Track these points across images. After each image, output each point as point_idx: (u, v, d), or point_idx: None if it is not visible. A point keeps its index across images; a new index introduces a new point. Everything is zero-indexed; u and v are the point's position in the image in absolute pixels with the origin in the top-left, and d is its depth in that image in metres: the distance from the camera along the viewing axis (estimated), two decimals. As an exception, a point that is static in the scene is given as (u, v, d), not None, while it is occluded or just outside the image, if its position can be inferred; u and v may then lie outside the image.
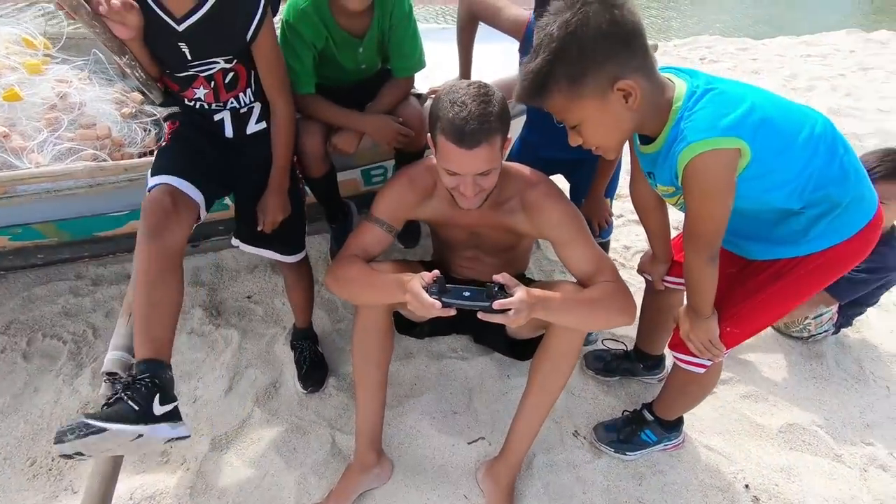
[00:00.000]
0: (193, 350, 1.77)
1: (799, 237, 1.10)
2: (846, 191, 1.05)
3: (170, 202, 1.13)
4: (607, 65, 0.92)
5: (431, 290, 1.10)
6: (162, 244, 1.10)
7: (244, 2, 1.17)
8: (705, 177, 0.96)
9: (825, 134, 1.03)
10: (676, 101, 0.99)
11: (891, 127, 3.32)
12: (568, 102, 0.96)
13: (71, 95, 1.73)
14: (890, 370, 1.77)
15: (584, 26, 0.89)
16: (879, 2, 8.00)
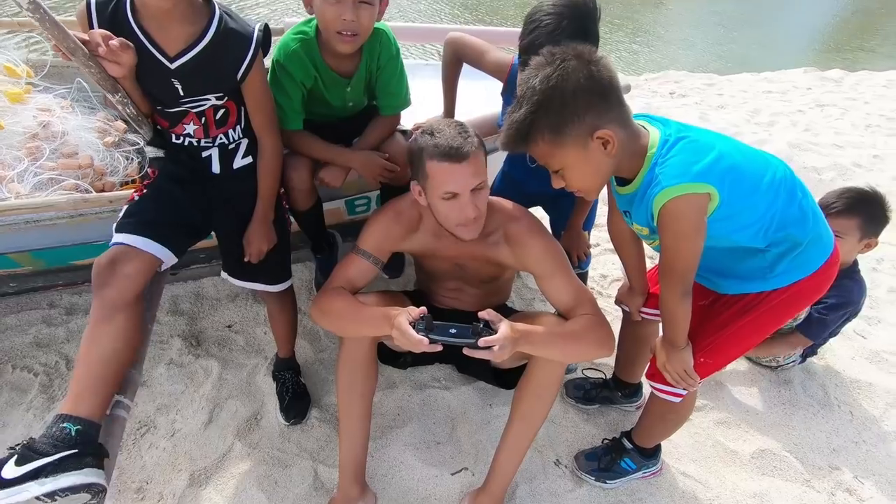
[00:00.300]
0: (172, 381, 1.74)
1: (765, 273, 1.18)
2: (805, 231, 1.14)
3: (110, 262, 1.17)
4: (586, 116, 0.99)
5: (418, 326, 1.13)
6: (99, 300, 1.14)
7: (235, 44, 1.20)
8: (678, 219, 1.04)
9: (785, 179, 1.12)
10: (651, 148, 1.06)
11: (845, 162, 3.53)
12: (551, 150, 1.03)
13: (53, 124, 1.72)
14: (852, 395, 1.85)
15: (565, 80, 0.97)
16: (831, 41, 8.52)
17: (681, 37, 8.37)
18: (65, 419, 1.02)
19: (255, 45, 1.22)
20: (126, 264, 1.17)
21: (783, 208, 1.11)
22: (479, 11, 8.36)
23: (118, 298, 1.14)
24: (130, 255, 1.19)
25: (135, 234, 1.21)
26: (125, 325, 1.15)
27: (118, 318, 1.14)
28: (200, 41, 1.17)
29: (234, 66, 1.21)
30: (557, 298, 1.34)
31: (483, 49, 1.59)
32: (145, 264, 1.21)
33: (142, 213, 1.27)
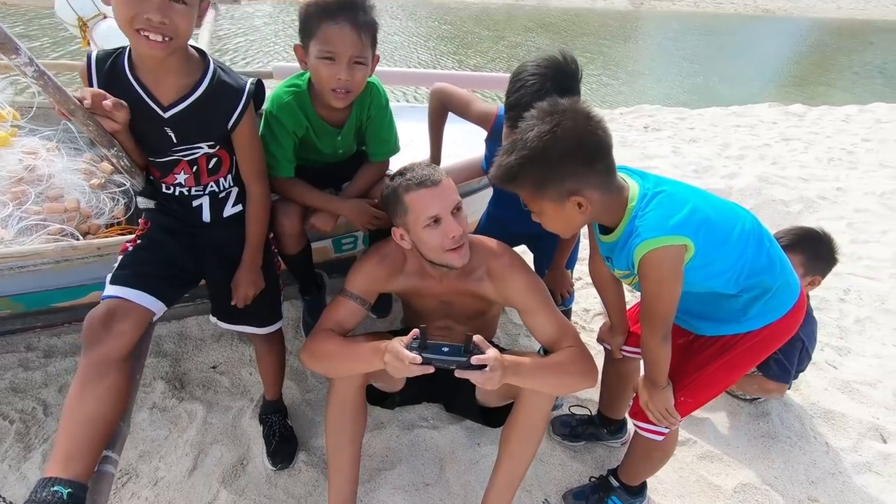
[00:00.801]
0: (155, 427, 1.71)
1: (739, 316, 1.25)
2: (774, 277, 1.22)
3: (106, 317, 1.16)
4: (567, 180, 1.07)
5: (412, 345, 1.15)
6: (90, 356, 1.13)
7: (228, 95, 1.24)
8: (657, 268, 1.10)
9: (753, 229, 1.20)
10: (631, 201, 1.13)
11: (811, 195, 3.70)
12: (531, 197, 1.12)
13: (39, 167, 1.72)
14: (827, 427, 1.91)
15: (555, 142, 1.03)
16: (791, 76, 9.01)
17: (650, 71, 8.74)
18: (55, 482, 1.00)
19: (247, 97, 1.26)
20: (121, 320, 1.17)
21: (753, 257, 1.18)
22: (462, 55, 8.62)
23: (111, 356, 1.13)
24: (126, 310, 1.19)
25: (131, 288, 1.21)
26: (116, 383, 1.14)
27: (109, 376, 1.13)
28: (194, 92, 1.21)
29: (225, 116, 1.25)
30: (541, 332, 1.39)
31: (468, 100, 1.66)
32: (140, 319, 1.21)
33: (137, 265, 1.27)
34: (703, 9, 13.34)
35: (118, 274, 1.25)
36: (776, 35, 12.14)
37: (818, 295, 2.60)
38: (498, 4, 11.78)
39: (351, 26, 1.27)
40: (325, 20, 1.26)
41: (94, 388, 1.11)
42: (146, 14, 1.03)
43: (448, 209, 1.27)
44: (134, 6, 1.03)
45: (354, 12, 1.28)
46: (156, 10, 1.03)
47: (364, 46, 1.31)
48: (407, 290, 1.47)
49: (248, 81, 1.27)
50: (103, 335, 1.14)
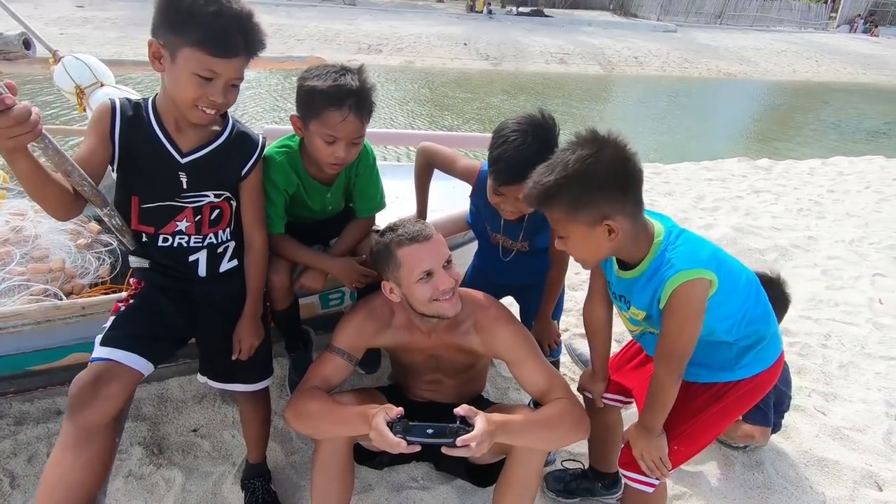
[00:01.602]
0: (130, 496, 1.62)
1: (732, 365, 1.28)
2: (767, 328, 1.27)
3: (95, 380, 1.14)
4: (602, 205, 1.09)
5: (395, 429, 1.14)
6: (75, 422, 1.10)
7: (245, 145, 1.33)
8: (687, 302, 1.13)
9: (751, 280, 1.27)
10: (658, 236, 1.18)
11: (784, 243, 3.83)
12: (562, 219, 1.13)
13: (26, 228, 1.73)
14: (822, 476, 1.89)
15: (596, 166, 1.06)
16: (755, 133, 9.54)
17: (624, 130, 9.16)
18: None
19: (261, 148, 1.35)
20: (110, 383, 1.14)
21: (753, 305, 1.24)
22: (438, 116, 8.99)
23: (97, 421, 1.10)
24: (116, 373, 1.17)
25: (123, 350, 1.20)
26: (100, 450, 1.10)
27: (93, 443, 1.09)
28: (215, 141, 1.28)
29: (241, 163, 1.32)
30: (530, 383, 1.38)
31: (453, 157, 1.73)
32: (130, 381, 1.19)
33: (131, 326, 1.26)
34: (669, 73, 14.24)
35: (110, 335, 1.23)
36: (739, 96, 12.95)
37: (801, 341, 2.64)
38: (476, 69, 12.44)
39: (355, 115, 1.33)
40: (331, 106, 1.31)
41: (77, 456, 1.07)
42: (211, 97, 1.13)
43: (440, 263, 1.30)
44: (200, 90, 1.11)
45: (360, 100, 1.34)
46: (220, 93, 1.13)
47: (363, 128, 1.38)
48: (395, 345, 1.47)
49: (260, 134, 1.36)
50: (91, 399, 1.11)
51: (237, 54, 1.12)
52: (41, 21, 10.83)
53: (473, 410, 1.19)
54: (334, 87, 1.31)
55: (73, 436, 1.08)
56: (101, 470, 1.12)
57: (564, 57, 14.07)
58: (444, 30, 15.17)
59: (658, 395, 1.25)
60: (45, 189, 1.07)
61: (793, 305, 3.00)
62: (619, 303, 1.31)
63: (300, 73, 1.41)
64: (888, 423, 2.12)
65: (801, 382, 2.35)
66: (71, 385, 1.13)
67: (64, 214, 1.15)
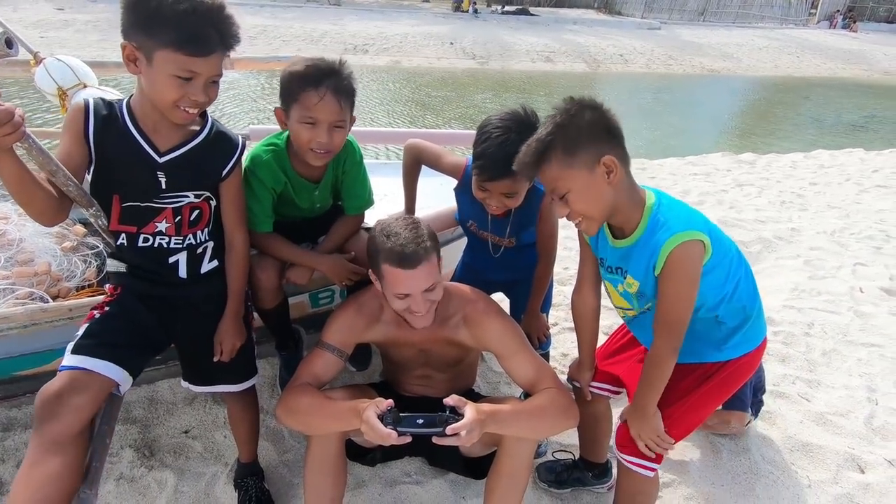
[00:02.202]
0: (122, 499, 1.61)
1: (720, 345, 1.31)
2: (753, 305, 1.29)
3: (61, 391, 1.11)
4: (596, 142, 1.13)
5: (385, 420, 1.15)
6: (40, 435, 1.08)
7: (225, 144, 1.32)
8: (685, 264, 1.15)
9: (740, 254, 1.29)
10: (649, 200, 1.20)
11: (768, 235, 3.90)
12: (560, 171, 1.15)
13: (9, 232, 1.71)
14: (806, 460, 1.94)
15: (581, 114, 1.14)
16: (738, 128, 9.67)
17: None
18: None
19: (241, 148, 1.34)
20: (78, 394, 1.11)
21: (742, 278, 1.26)
22: (420, 114, 9.00)
23: (63, 433, 1.08)
24: (84, 383, 1.14)
25: (94, 358, 1.17)
26: (70, 462, 1.08)
27: (61, 456, 1.07)
28: (193, 140, 1.26)
29: (221, 163, 1.31)
30: (519, 375, 1.40)
31: (439, 153, 1.75)
32: (100, 391, 1.17)
33: (104, 334, 1.24)
34: (654, 70, 14.36)
35: (81, 344, 1.21)
36: (722, 92, 13.10)
37: (785, 330, 2.70)
38: (463, 68, 12.46)
39: (332, 94, 1.33)
40: (308, 87, 1.32)
41: (43, 469, 1.04)
42: (193, 97, 1.11)
43: (420, 290, 1.27)
44: (181, 90, 1.10)
45: (336, 80, 1.34)
46: (201, 92, 1.12)
47: (343, 111, 1.37)
48: (385, 340, 1.48)
49: (240, 135, 1.36)
50: (58, 410, 1.08)
51: (214, 51, 1.10)
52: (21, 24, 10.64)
53: (463, 400, 1.21)
54: (311, 69, 1.33)
55: (40, 449, 1.05)
56: (72, 482, 1.09)
57: (550, 55, 14.14)
58: (430, 29, 15.17)
59: (654, 370, 1.26)
60: (31, 193, 1.05)
61: (776, 295, 3.08)
62: (615, 276, 1.32)
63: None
64: (869, 408, 2.17)
65: (785, 370, 2.40)
66: (36, 396, 1.10)
67: (49, 220, 1.14)
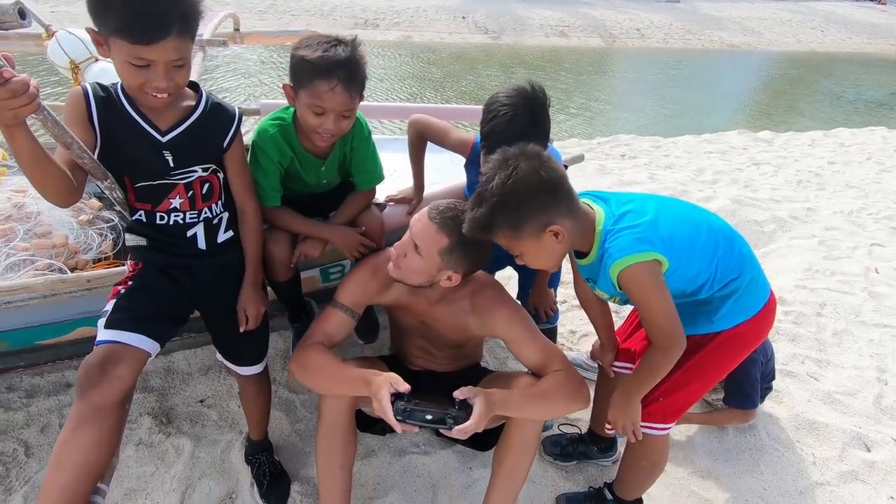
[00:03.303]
0: (141, 463, 1.68)
1: (710, 315, 1.30)
2: (742, 276, 1.27)
3: (103, 362, 1.15)
4: (538, 215, 1.14)
5: (396, 408, 1.17)
6: (84, 402, 1.11)
7: (222, 116, 1.32)
8: (637, 283, 1.17)
9: (720, 226, 1.28)
10: (598, 225, 1.21)
11: (783, 215, 3.84)
12: (510, 242, 1.19)
13: (27, 205, 1.74)
14: (812, 437, 1.95)
15: (518, 184, 1.12)
16: (758, 105, 9.43)
17: (625, 103, 9.09)
18: None
19: (238, 118, 1.35)
20: (119, 365, 1.16)
21: (725, 254, 1.25)
22: (444, 93, 8.88)
23: (106, 402, 1.12)
24: (123, 355, 1.18)
25: (128, 331, 1.21)
26: (109, 430, 1.13)
27: (103, 423, 1.11)
28: (191, 116, 1.27)
29: (221, 135, 1.32)
30: (528, 359, 1.41)
31: (445, 129, 1.73)
32: (137, 362, 1.21)
33: (133, 308, 1.27)
34: (671, 45, 13.99)
35: (113, 318, 1.25)
36: (742, 68, 12.76)
37: (796, 310, 2.68)
38: (475, 43, 12.23)
39: (344, 87, 1.31)
40: (319, 77, 1.29)
41: (87, 436, 1.09)
42: (154, 83, 1.10)
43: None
44: (140, 76, 1.09)
45: (349, 72, 1.31)
46: (162, 78, 1.10)
47: (353, 100, 1.35)
48: (395, 304, 1.48)
49: (236, 106, 1.37)
50: (100, 381, 1.13)
51: (164, 37, 1.04)
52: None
53: (473, 391, 1.22)
54: (323, 58, 1.29)
55: (83, 416, 1.10)
56: (111, 448, 1.14)
57: (565, 30, 13.82)
58: (442, 2, 14.86)
59: (652, 368, 1.25)
60: (45, 170, 1.05)
61: (789, 275, 3.05)
62: (590, 284, 1.36)
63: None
64: (879, 388, 2.17)
65: (794, 350, 2.39)
66: (80, 368, 1.15)
67: (64, 200, 1.14)
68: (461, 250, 1.30)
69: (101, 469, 1.14)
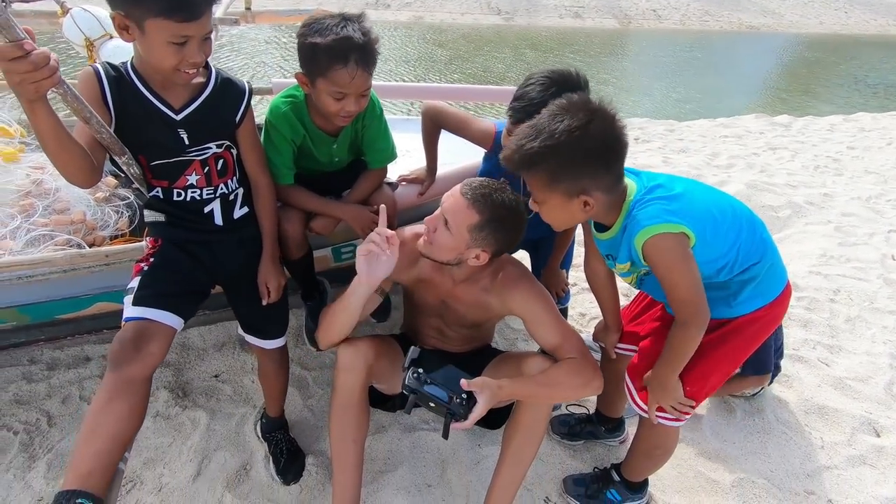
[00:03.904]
0: (159, 434, 1.73)
1: (729, 300, 1.28)
2: (762, 262, 1.26)
3: (135, 338, 1.19)
4: (582, 179, 1.10)
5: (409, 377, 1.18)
6: (118, 375, 1.15)
7: (232, 91, 1.34)
8: (663, 252, 1.14)
9: (743, 211, 1.26)
10: (629, 196, 1.18)
11: (799, 200, 3.78)
12: (540, 187, 1.14)
13: (45, 182, 1.76)
14: (821, 422, 1.95)
15: (582, 140, 1.05)
16: (775, 89, 9.23)
17: (639, 86, 8.93)
18: (78, 495, 1.04)
19: (249, 93, 1.37)
20: (151, 342, 1.20)
21: (748, 239, 1.23)
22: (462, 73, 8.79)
23: (138, 376, 1.16)
24: (154, 331, 1.22)
25: (156, 308, 1.25)
26: (139, 401, 1.18)
27: (135, 394, 1.16)
28: (203, 93, 1.29)
29: (232, 111, 1.33)
30: (544, 339, 1.39)
31: (464, 118, 1.70)
32: (167, 339, 1.25)
33: (157, 285, 1.30)
34: (688, 26, 13.68)
35: (140, 295, 1.28)
36: (761, 51, 12.45)
37: (808, 296, 2.66)
38: (487, 24, 12.05)
39: (362, 69, 1.31)
40: (337, 63, 1.28)
41: (119, 407, 1.13)
42: (190, 59, 1.13)
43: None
44: (177, 54, 1.11)
45: (365, 54, 1.31)
46: (198, 52, 1.13)
47: (370, 78, 1.36)
48: (417, 279, 1.48)
49: (246, 81, 1.37)
50: (133, 356, 1.16)
51: (204, 11, 1.09)
52: (43, -22, 10.59)
53: (481, 383, 1.21)
54: (338, 42, 1.27)
55: (115, 388, 1.14)
56: (139, 420, 1.19)
57: (579, 11, 13.55)
58: (454, -18, 14.61)
59: (675, 351, 1.24)
60: (67, 147, 1.07)
61: (803, 260, 3.02)
62: (609, 261, 1.33)
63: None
64: (891, 374, 2.16)
65: (806, 335, 2.38)
66: (112, 343, 1.19)
67: (85, 180, 1.15)
68: (491, 228, 1.29)
69: (131, 437, 1.19)
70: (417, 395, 1.18)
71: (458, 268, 1.39)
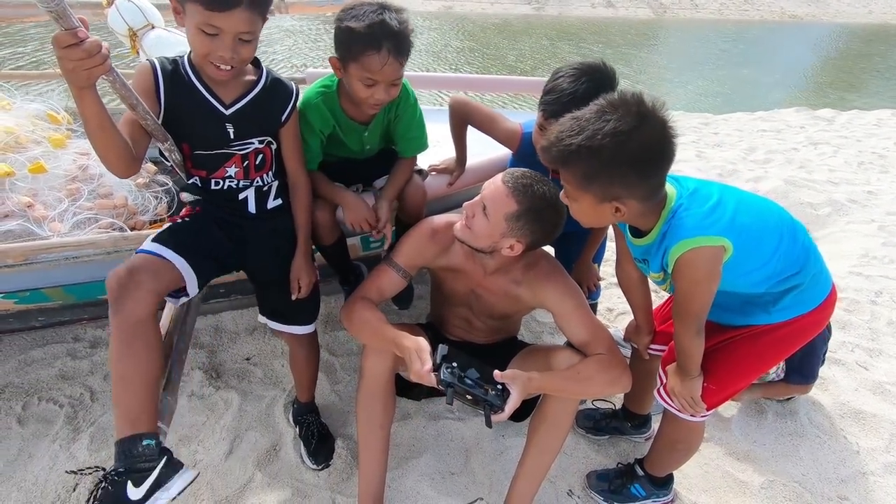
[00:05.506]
0: (194, 413, 1.79)
1: (768, 307, 1.25)
2: (807, 270, 1.21)
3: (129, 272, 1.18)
4: (616, 185, 1.05)
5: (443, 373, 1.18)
6: (122, 317, 1.15)
7: (282, 92, 1.37)
8: (694, 268, 1.11)
9: (785, 219, 1.21)
10: (669, 203, 1.14)
11: (840, 198, 3.64)
12: (573, 184, 1.11)
13: (91, 167, 1.83)
14: (857, 426, 1.89)
15: (625, 145, 0.99)
16: (818, 81, 8.85)
17: (673, 78, 8.69)
18: (140, 438, 1.10)
19: (296, 95, 1.39)
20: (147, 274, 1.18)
21: (789, 248, 1.18)
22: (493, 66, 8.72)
23: (137, 312, 1.15)
24: (157, 266, 1.23)
25: (170, 249, 1.27)
26: (153, 335, 1.19)
27: (145, 333, 1.16)
28: (253, 90, 1.32)
29: (280, 110, 1.36)
30: (574, 335, 1.39)
31: (492, 116, 1.69)
32: (169, 280, 1.25)
33: (181, 234, 1.34)
34: (726, 16, 13.23)
35: (160, 236, 1.31)
36: (804, 41, 11.95)
37: (849, 297, 2.57)
38: (518, 15, 11.89)
39: (395, 57, 1.31)
40: (370, 49, 1.29)
41: (135, 350, 1.14)
42: (219, 52, 1.15)
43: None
44: (207, 45, 1.14)
45: (399, 42, 1.31)
46: (227, 48, 1.15)
47: (402, 68, 1.36)
48: (448, 268, 1.49)
49: (293, 82, 1.40)
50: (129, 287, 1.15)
51: (235, 6, 1.09)
52: (85, -31, 10.92)
53: (514, 376, 1.22)
54: (372, 29, 1.28)
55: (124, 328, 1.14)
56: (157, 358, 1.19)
57: (612, 0, 13.23)
58: (484, -29, 14.44)
59: (679, 347, 1.26)
60: (110, 135, 1.10)
61: (843, 261, 2.91)
62: (641, 265, 1.31)
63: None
64: (935, 381, 2.07)
65: (844, 337, 2.30)
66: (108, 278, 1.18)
67: (124, 170, 1.18)
68: (528, 219, 1.29)
69: (161, 368, 1.22)
70: (454, 389, 1.19)
71: (490, 257, 1.39)
